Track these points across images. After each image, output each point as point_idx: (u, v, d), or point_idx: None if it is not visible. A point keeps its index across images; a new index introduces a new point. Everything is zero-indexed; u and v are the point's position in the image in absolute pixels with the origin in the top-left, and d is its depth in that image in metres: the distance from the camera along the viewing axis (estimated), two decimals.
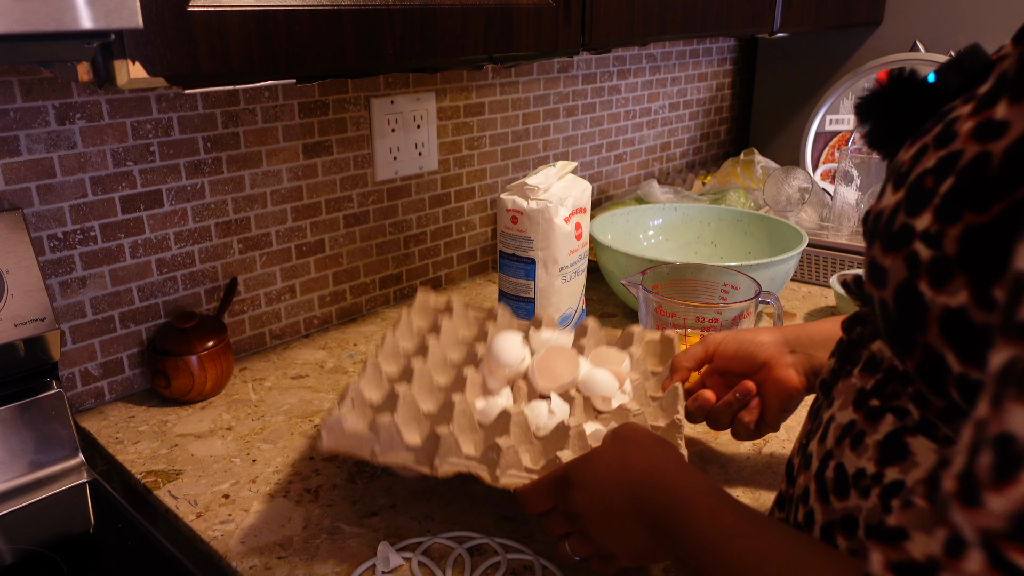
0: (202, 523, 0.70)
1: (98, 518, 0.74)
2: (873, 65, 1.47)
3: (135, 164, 0.86)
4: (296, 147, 1.00)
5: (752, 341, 0.71)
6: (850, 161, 1.28)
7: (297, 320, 1.06)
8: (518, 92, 1.26)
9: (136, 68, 0.54)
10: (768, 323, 1.10)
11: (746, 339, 0.72)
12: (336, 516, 0.71)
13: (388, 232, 1.14)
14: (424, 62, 0.73)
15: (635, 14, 0.93)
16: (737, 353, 0.72)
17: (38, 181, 0.80)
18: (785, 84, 1.71)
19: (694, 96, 1.66)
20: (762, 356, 0.70)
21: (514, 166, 1.30)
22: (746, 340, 0.72)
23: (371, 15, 0.67)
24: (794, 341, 0.70)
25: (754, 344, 0.71)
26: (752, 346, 0.71)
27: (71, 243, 0.83)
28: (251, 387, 0.94)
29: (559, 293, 0.97)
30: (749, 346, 0.71)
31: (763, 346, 0.70)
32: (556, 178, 0.96)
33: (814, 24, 1.29)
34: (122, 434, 0.84)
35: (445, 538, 0.67)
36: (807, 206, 1.33)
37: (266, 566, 0.65)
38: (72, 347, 0.86)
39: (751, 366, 0.71)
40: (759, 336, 0.71)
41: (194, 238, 0.93)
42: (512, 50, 0.80)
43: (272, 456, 0.80)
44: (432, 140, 1.15)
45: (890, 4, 1.51)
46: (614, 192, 1.54)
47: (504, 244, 0.96)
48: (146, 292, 0.91)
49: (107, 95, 0.82)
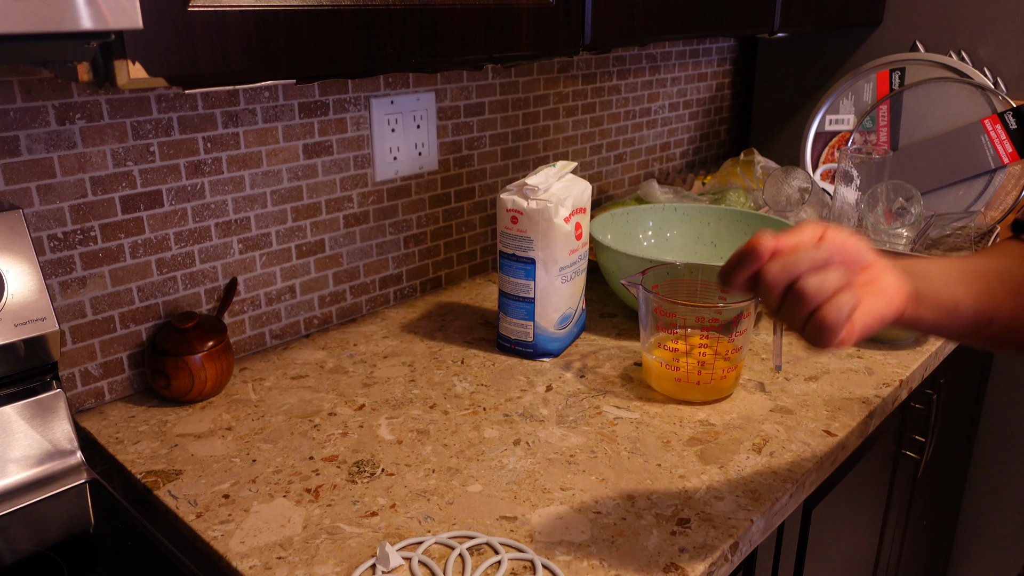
0: (202, 523, 0.70)
1: (98, 518, 0.74)
2: (873, 65, 1.47)
3: (135, 164, 0.86)
4: (296, 147, 1.00)
5: (860, 241, 0.60)
6: (850, 161, 1.28)
7: (297, 320, 1.06)
8: (518, 92, 1.26)
9: (136, 68, 0.55)
10: (768, 323, 1.10)
11: (853, 237, 0.61)
12: (336, 516, 0.71)
13: (388, 232, 1.14)
14: (424, 62, 0.73)
15: (635, 14, 0.93)
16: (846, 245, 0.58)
17: (38, 181, 0.80)
18: (785, 84, 1.71)
19: (694, 96, 1.66)
20: (869, 258, 0.59)
21: (514, 166, 1.30)
22: (854, 237, 0.61)
23: (371, 15, 0.67)
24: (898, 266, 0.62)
25: (863, 244, 0.60)
26: (862, 244, 0.60)
27: (71, 243, 0.83)
28: (251, 387, 0.94)
29: (559, 293, 0.97)
30: (859, 243, 0.60)
31: (870, 250, 0.60)
32: (556, 178, 0.96)
33: (814, 24, 1.29)
34: (122, 434, 0.84)
35: (445, 538, 0.67)
36: (807, 206, 1.33)
37: (266, 566, 0.65)
38: (72, 347, 0.86)
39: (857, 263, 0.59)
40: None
41: (194, 238, 0.93)
42: (512, 50, 0.80)
43: (272, 456, 0.80)
44: (432, 140, 1.15)
45: (890, 4, 1.51)
46: (614, 192, 1.53)
47: (504, 244, 0.96)
48: (146, 292, 0.91)
49: (107, 95, 0.83)
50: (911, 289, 0.59)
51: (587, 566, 0.64)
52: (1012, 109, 1.32)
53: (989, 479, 1.60)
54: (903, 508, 1.27)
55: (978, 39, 1.43)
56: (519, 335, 0.99)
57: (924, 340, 1.05)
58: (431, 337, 1.07)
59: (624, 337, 1.06)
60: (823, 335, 0.54)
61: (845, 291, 0.54)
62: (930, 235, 1.25)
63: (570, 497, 0.73)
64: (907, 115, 1.43)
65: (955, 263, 0.63)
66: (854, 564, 1.13)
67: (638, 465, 0.78)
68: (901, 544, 1.33)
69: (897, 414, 1.09)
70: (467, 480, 0.75)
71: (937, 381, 1.16)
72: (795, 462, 0.78)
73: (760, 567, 0.83)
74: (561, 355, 1.01)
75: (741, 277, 0.57)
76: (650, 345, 0.90)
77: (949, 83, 1.39)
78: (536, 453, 0.80)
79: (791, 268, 0.54)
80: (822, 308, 0.53)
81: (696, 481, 0.75)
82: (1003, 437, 1.55)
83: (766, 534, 0.74)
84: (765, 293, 0.56)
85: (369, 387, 0.93)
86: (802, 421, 0.86)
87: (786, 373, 0.96)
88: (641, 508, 0.71)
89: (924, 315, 0.60)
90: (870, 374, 0.96)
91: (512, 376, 0.96)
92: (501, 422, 0.85)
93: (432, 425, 0.85)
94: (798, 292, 0.54)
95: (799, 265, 0.54)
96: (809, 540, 0.93)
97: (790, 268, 0.54)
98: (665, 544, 0.67)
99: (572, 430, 0.84)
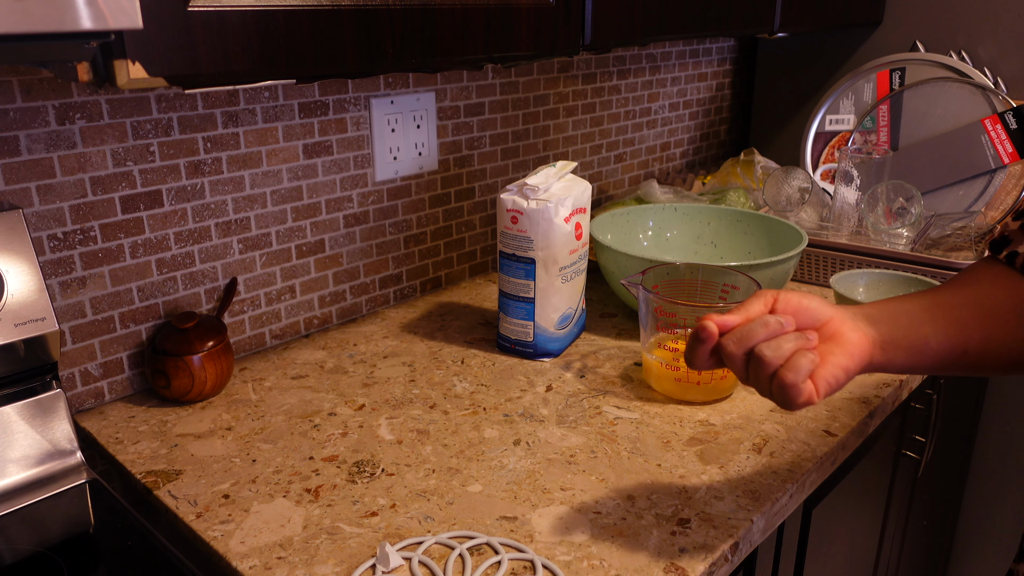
0: (202, 523, 0.70)
1: (98, 518, 0.74)
2: (873, 65, 1.47)
3: (135, 164, 0.86)
4: (296, 147, 1.00)
5: (815, 299, 0.62)
6: (850, 161, 1.28)
7: (297, 320, 1.06)
8: (518, 92, 1.26)
9: (136, 68, 0.55)
10: None
11: (807, 296, 0.62)
12: (336, 516, 0.71)
13: (388, 232, 1.14)
14: (424, 62, 0.73)
15: (635, 14, 0.93)
16: (800, 305, 0.60)
17: (38, 181, 0.80)
18: (785, 84, 1.71)
19: (694, 96, 1.66)
20: (827, 313, 0.61)
21: (514, 166, 1.30)
22: (808, 296, 0.62)
23: (371, 15, 0.67)
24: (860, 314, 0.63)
25: (818, 301, 0.62)
26: (816, 302, 0.61)
27: (71, 243, 0.83)
28: (251, 387, 0.94)
29: (559, 293, 0.97)
30: (813, 301, 0.61)
31: (828, 306, 0.61)
32: (556, 178, 0.96)
33: (814, 24, 1.29)
34: (122, 434, 0.84)
35: (445, 538, 0.67)
36: (807, 206, 1.33)
37: (266, 566, 0.65)
38: (72, 347, 0.86)
39: (814, 321, 0.61)
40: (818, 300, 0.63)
41: (194, 238, 0.93)
42: (512, 50, 0.80)
43: (272, 456, 0.80)
44: (432, 140, 1.15)
45: (890, 4, 1.51)
46: (614, 192, 1.53)
47: (504, 244, 0.96)
48: (146, 292, 0.91)
49: (107, 95, 0.83)
50: (875, 336, 0.60)
51: (587, 566, 0.64)
52: (1012, 109, 1.32)
53: (989, 479, 1.60)
54: (903, 508, 1.27)
55: (978, 39, 1.43)
56: (519, 335, 0.99)
57: None
58: (431, 337, 1.07)
59: (624, 337, 1.06)
60: (786, 396, 0.56)
61: (800, 354, 0.56)
62: (930, 235, 1.25)
63: (570, 497, 0.73)
64: (907, 115, 1.43)
65: (921, 299, 0.64)
66: (854, 564, 1.13)
67: (638, 465, 0.78)
68: (901, 544, 1.33)
69: (897, 414, 1.09)
70: (467, 480, 0.75)
71: (937, 381, 1.16)
72: (795, 462, 0.78)
73: (760, 567, 0.83)
74: (561, 355, 1.01)
75: (702, 356, 0.60)
76: (650, 345, 0.90)
77: (949, 83, 1.39)
78: (536, 453, 0.80)
79: (745, 338, 0.58)
80: (779, 371, 0.56)
81: (696, 481, 0.75)
82: (1003, 437, 1.55)
83: (766, 534, 0.74)
84: (729, 364, 0.59)
85: (369, 387, 0.93)
86: (802, 421, 0.86)
87: None
88: (641, 508, 0.71)
89: (894, 359, 0.61)
90: (870, 374, 0.96)
91: (512, 376, 0.96)
92: (501, 422, 0.85)
93: (432, 425, 0.85)
94: (757, 358, 0.57)
95: (754, 334, 0.58)
96: (809, 540, 0.93)
97: (744, 338, 0.58)
98: (665, 544, 0.67)
99: (572, 430, 0.84)
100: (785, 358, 0.56)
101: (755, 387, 0.59)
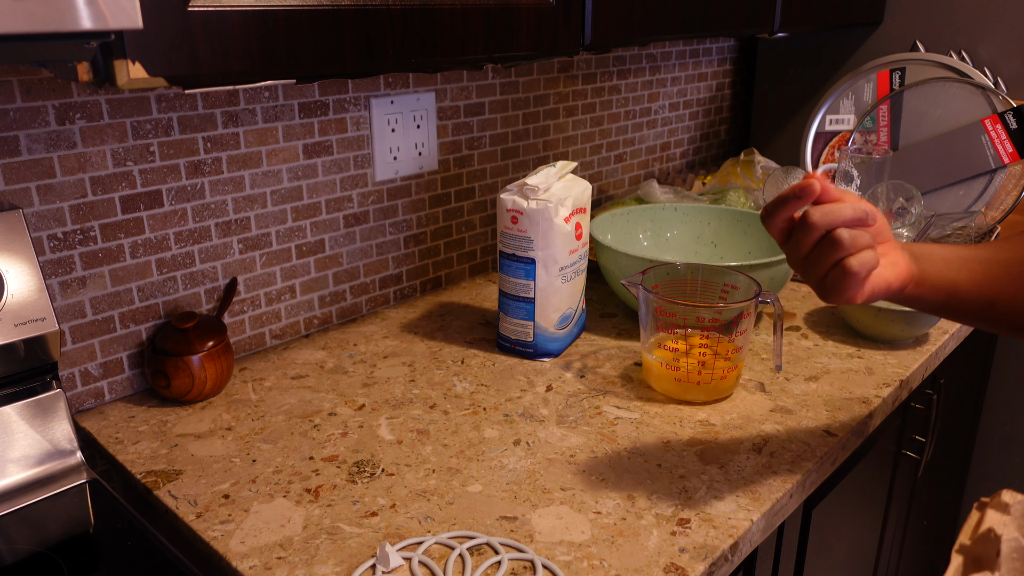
0: (202, 523, 0.70)
1: (98, 518, 0.74)
2: (873, 65, 1.47)
3: (135, 164, 0.86)
4: (296, 147, 1.00)
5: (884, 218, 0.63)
6: (850, 161, 1.28)
7: (297, 320, 1.06)
8: (518, 92, 1.26)
9: (136, 68, 0.55)
10: (768, 323, 1.10)
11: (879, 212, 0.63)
12: (336, 516, 0.71)
13: (388, 232, 1.14)
14: (424, 62, 0.73)
15: (635, 14, 0.93)
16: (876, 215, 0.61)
17: (38, 181, 0.80)
18: (785, 84, 1.71)
19: (694, 96, 1.66)
20: (887, 234, 0.63)
21: (514, 166, 1.30)
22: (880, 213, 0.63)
23: (371, 15, 0.67)
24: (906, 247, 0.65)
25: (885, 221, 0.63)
26: (885, 221, 0.63)
27: (71, 243, 0.83)
28: (251, 387, 0.94)
29: (559, 293, 0.97)
30: (883, 219, 0.63)
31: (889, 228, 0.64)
32: (556, 178, 0.96)
33: (814, 24, 1.29)
34: (122, 434, 0.84)
35: (445, 538, 0.67)
36: None
37: (266, 566, 0.65)
38: (72, 347, 0.86)
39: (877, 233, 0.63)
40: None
41: (194, 238, 0.93)
42: (512, 50, 0.80)
43: (272, 456, 0.80)
44: (432, 140, 1.15)
45: (890, 4, 1.51)
46: (614, 192, 1.54)
47: (504, 244, 0.96)
48: (146, 292, 0.91)
49: (107, 95, 0.83)
50: (916, 270, 0.64)
51: (587, 566, 0.64)
52: (1012, 109, 1.32)
53: (989, 479, 1.60)
54: (903, 508, 1.27)
55: (978, 39, 1.43)
56: (519, 335, 0.99)
57: (924, 340, 1.05)
58: (431, 337, 1.07)
59: (624, 337, 1.06)
60: (843, 283, 0.58)
61: (872, 249, 0.58)
62: (930, 235, 1.25)
63: (570, 497, 0.73)
64: (907, 115, 1.43)
65: (959, 249, 0.67)
66: (854, 564, 1.13)
67: (638, 465, 0.78)
68: (901, 544, 1.33)
69: (897, 414, 1.09)
70: (467, 480, 0.75)
71: (937, 381, 1.16)
72: (795, 462, 0.78)
73: (760, 567, 0.83)
74: (561, 355, 1.01)
75: (784, 215, 0.60)
76: (650, 345, 0.90)
77: (949, 83, 1.39)
78: (536, 453, 0.80)
79: (834, 215, 0.58)
80: (849, 258, 0.57)
81: (696, 481, 0.75)
82: (1003, 437, 1.55)
83: (766, 534, 0.74)
84: (803, 233, 0.59)
85: (369, 387, 0.93)
86: (802, 421, 0.86)
87: (786, 373, 0.96)
88: (641, 508, 0.71)
89: (924, 295, 0.65)
90: (870, 374, 0.96)
91: (512, 376, 0.96)
92: (501, 422, 0.85)
93: (432, 425, 0.85)
94: (834, 239, 0.58)
95: (843, 213, 0.58)
96: (809, 540, 0.93)
97: (833, 215, 0.58)
98: (665, 544, 0.67)
99: (572, 430, 0.84)
100: (859, 249, 0.58)
101: (806, 268, 0.60)
